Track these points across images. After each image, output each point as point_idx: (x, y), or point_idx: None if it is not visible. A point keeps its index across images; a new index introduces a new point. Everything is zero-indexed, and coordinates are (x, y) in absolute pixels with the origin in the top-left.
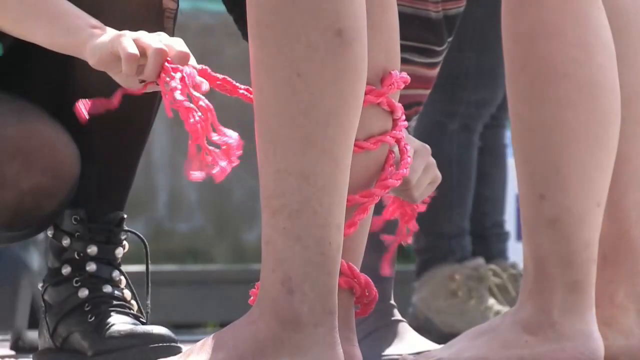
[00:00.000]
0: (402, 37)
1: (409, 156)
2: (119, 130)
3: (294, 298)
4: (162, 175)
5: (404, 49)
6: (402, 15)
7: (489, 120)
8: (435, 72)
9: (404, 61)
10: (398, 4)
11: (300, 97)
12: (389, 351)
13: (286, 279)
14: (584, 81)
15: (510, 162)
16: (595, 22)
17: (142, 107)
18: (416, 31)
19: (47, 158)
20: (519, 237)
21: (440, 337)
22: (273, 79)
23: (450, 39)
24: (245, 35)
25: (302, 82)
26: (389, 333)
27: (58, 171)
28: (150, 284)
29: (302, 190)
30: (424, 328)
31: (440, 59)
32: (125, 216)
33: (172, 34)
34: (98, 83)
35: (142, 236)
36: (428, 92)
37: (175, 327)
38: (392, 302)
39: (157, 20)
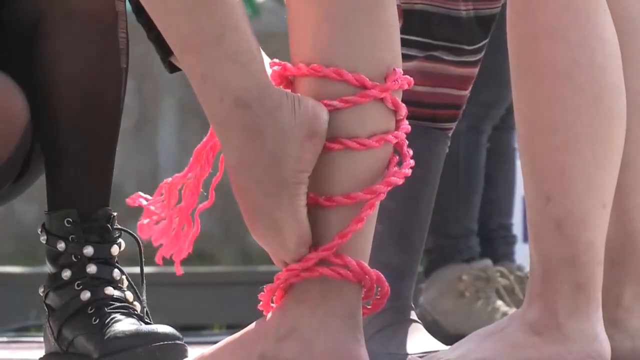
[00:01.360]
0: (433, 37)
1: (411, 159)
2: (89, 124)
3: (253, 109)
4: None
5: (435, 47)
6: (434, 16)
7: (498, 123)
8: (468, 71)
9: (434, 59)
10: (431, 5)
11: None
12: (396, 349)
13: (237, 99)
14: (585, 83)
15: (519, 165)
16: (599, 23)
17: (110, 99)
18: (447, 31)
19: None
20: (525, 238)
21: (447, 338)
22: None
23: (485, 41)
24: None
25: None
26: (400, 331)
27: (6, 116)
28: (144, 282)
29: (216, 16)
30: (432, 329)
31: (472, 58)
32: (116, 214)
33: (124, 16)
34: (69, 64)
35: (135, 234)
36: (464, 93)
37: (181, 329)
38: (411, 303)
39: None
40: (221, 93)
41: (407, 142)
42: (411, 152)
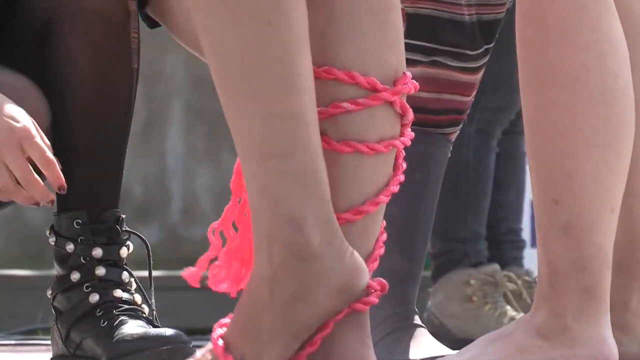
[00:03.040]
0: (438, 42)
1: (407, 164)
2: (100, 125)
3: (305, 234)
4: (176, 181)
5: (439, 52)
6: (439, 20)
7: (507, 127)
8: (472, 77)
9: (438, 64)
10: (435, 9)
11: (273, 46)
12: (401, 355)
13: (292, 218)
14: (595, 87)
15: (528, 170)
16: (608, 27)
17: (121, 99)
18: (451, 35)
19: None
20: (533, 243)
21: (455, 342)
22: (242, 33)
23: (488, 46)
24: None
25: (273, 31)
26: (405, 336)
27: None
28: (153, 284)
29: (291, 131)
30: (439, 333)
31: (476, 64)
32: (124, 216)
33: (136, 16)
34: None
35: (143, 237)
36: (467, 99)
37: (189, 332)
38: (415, 308)
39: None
40: (277, 208)
41: (403, 153)
42: (405, 166)
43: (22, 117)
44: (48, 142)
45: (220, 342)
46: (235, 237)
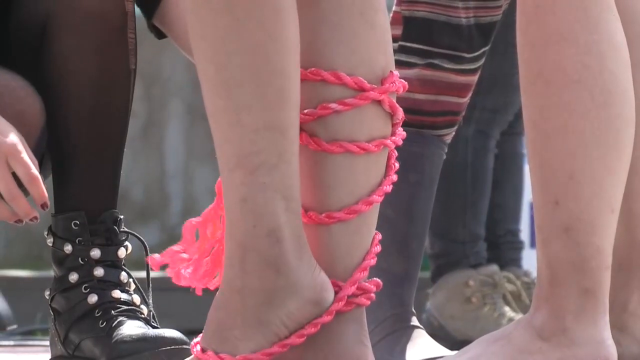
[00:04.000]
0: (434, 44)
1: (395, 172)
2: (97, 125)
3: (282, 246)
4: (176, 183)
5: (435, 55)
6: (435, 23)
7: (506, 128)
8: (469, 79)
9: (434, 67)
10: (431, 12)
11: (273, 58)
12: (400, 356)
13: (271, 230)
14: (595, 88)
15: (527, 170)
16: (609, 28)
17: (118, 100)
18: (447, 38)
19: (9, 106)
20: (532, 244)
21: (454, 343)
22: (245, 45)
23: (485, 48)
24: (159, 35)
25: (274, 44)
26: (403, 337)
27: (22, 119)
28: (151, 285)
29: (279, 144)
30: (438, 334)
31: (473, 66)
32: (122, 217)
33: (133, 17)
34: (74, 60)
35: (141, 237)
36: (463, 100)
37: (188, 333)
38: (412, 309)
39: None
40: (257, 220)
41: (396, 153)
42: (397, 166)
43: (9, 132)
44: (35, 159)
45: (198, 347)
46: (211, 237)
